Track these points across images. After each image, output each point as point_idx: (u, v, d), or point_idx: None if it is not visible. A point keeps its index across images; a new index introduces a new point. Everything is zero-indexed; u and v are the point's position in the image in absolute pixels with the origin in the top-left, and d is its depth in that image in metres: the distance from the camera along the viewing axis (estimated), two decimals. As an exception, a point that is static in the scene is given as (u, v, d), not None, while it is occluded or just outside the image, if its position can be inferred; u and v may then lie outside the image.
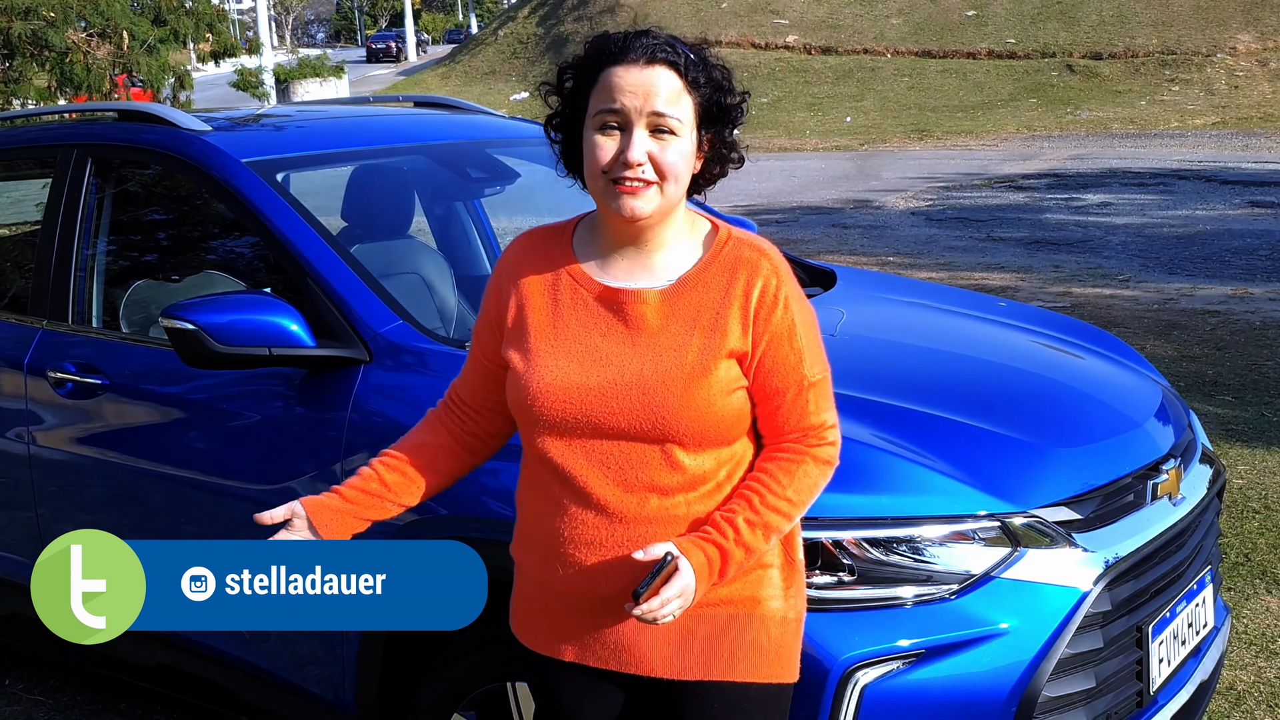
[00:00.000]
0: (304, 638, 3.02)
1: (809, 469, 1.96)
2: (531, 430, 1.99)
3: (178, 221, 3.97)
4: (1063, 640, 2.40)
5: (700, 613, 1.95)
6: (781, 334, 1.93)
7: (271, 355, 2.82)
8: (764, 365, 1.94)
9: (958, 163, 19.98)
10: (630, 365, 1.92)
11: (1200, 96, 27.35)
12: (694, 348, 1.91)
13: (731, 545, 1.89)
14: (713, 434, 1.92)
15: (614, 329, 1.95)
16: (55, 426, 3.48)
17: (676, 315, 1.94)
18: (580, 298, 1.98)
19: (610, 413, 1.91)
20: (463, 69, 40.51)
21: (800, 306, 1.97)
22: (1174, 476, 2.81)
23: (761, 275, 1.94)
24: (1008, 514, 2.45)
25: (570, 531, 1.96)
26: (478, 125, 4.28)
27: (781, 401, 1.95)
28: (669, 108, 1.88)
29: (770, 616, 1.99)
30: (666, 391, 1.89)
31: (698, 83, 1.91)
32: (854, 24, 34.01)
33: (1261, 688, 3.72)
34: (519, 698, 2.60)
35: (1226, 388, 6.82)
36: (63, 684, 4.06)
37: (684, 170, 1.91)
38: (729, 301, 1.93)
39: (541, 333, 1.98)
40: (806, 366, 1.95)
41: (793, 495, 1.94)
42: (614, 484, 1.93)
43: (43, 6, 12.59)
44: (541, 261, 2.03)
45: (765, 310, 1.93)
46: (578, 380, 1.93)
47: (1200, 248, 11.49)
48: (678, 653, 1.97)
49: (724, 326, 1.92)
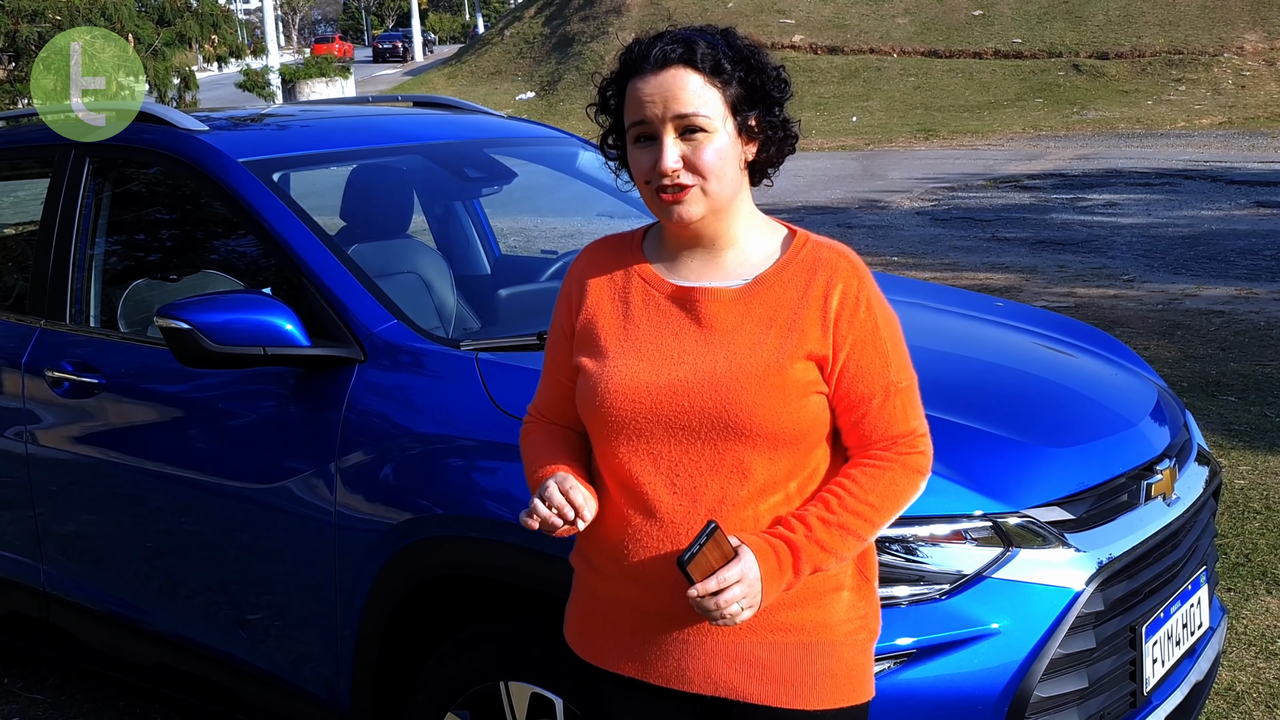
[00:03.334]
0: (301, 637, 3.03)
1: (897, 476, 1.88)
2: (600, 436, 1.93)
3: (176, 221, 3.98)
4: (1055, 640, 2.40)
5: (769, 639, 1.88)
6: (865, 337, 1.87)
7: (266, 355, 2.83)
8: (848, 370, 1.87)
9: (963, 163, 19.95)
10: (703, 363, 1.86)
11: (1207, 96, 27.30)
12: (769, 346, 1.85)
13: (802, 539, 1.82)
14: (786, 436, 1.85)
15: (686, 328, 1.90)
16: (53, 426, 3.49)
17: (751, 314, 1.88)
18: (651, 298, 1.93)
19: (681, 410, 1.85)
20: (469, 69, 40.55)
21: (883, 310, 1.91)
22: (1168, 477, 2.80)
23: (842, 277, 1.88)
24: (1000, 514, 2.44)
25: (635, 543, 1.90)
26: (476, 125, 4.28)
27: (868, 408, 1.88)
28: (692, 107, 1.83)
29: (843, 642, 1.92)
30: (740, 388, 1.83)
31: (721, 70, 1.84)
32: (860, 24, 33.99)
33: (1260, 688, 3.71)
34: (512, 697, 2.61)
35: (1229, 388, 6.81)
36: (61, 683, 4.07)
37: (724, 166, 1.85)
38: (808, 302, 1.87)
39: (611, 334, 1.94)
40: (893, 371, 1.89)
41: (875, 500, 1.86)
42: (682, 493, 1.87)
43: (50, 9, 12.64)
44: (611, 266, 1.99)
45: (847, 313, 1.87)
46: (648, 379, 1.87)
47: (1205, 248, 11.47)
48: (746, 678, 1.90)
49: (801, 327, 1.86)
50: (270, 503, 2.97)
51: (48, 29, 12.63)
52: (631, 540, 1.90)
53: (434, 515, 2.68)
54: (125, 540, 3.42)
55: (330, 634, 2.92)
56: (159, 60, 13.65)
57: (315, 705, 3.03)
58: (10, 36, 12.74)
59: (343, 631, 2.88)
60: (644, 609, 1.92)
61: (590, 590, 2.02)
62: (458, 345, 2.87)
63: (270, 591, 3.08)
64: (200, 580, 3.25)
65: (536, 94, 34.90)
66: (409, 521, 2.71)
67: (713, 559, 1.75)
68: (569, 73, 35.15)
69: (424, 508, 2.70)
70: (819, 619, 1.90)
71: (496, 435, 2.62)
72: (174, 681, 3.40)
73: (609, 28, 36.21)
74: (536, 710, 2.58)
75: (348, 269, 3.02)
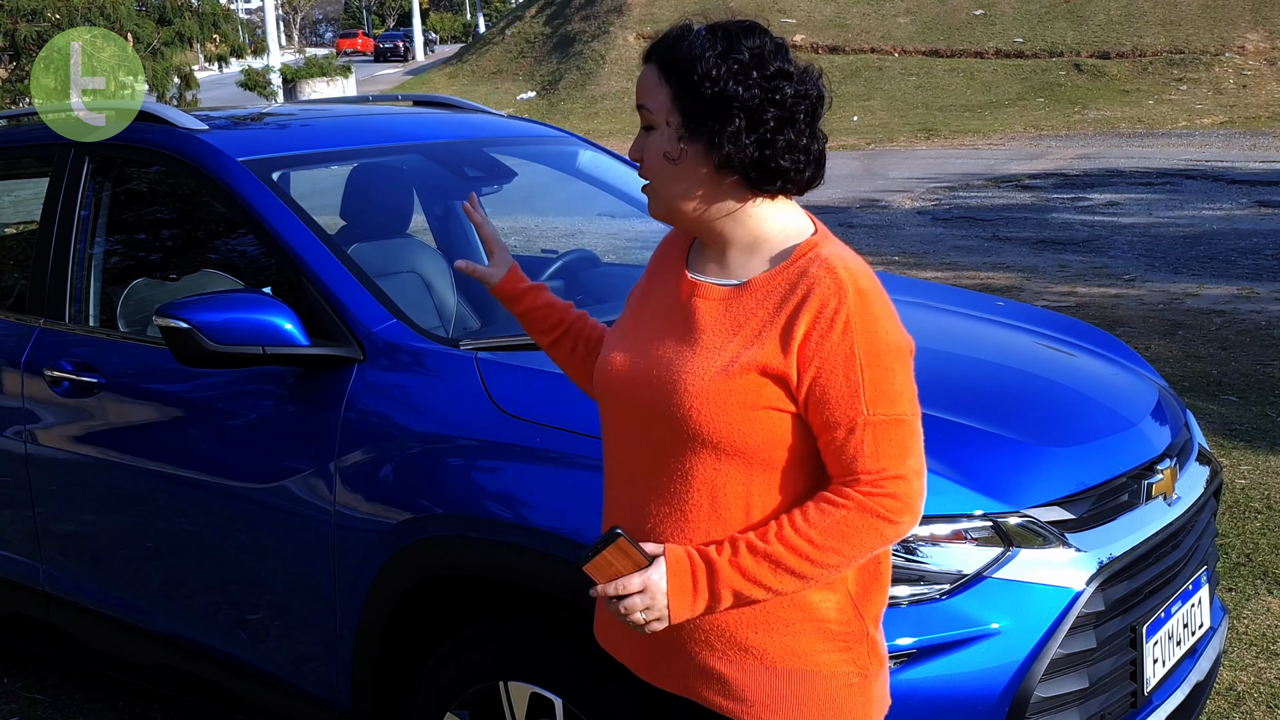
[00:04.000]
0: (301, 637, 3.02)
1: (850, 517, 1.74)
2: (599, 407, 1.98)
3: (175, 220, 3.98)
4: (1055, 640, 2.39)
5: (731, 656, 1.84)
6: (834, 362, 1.73)
7: (265, 354, 2.82)
8: (813, 394, 1.75)
9: (965, 162, 19.95)
10: (665, 353, 1.84)
11: (1208, 96, 27.29)
12: (726, 352, 1.79)
13: (724, 562, 1.75)
14: (728, 446, 1.77)
15: (675, 319, 1.88)
16: (52, 425, 3.49)
17: (728, 317, 1.83)
18: (668, 284, 1.94)
19: (632, 395, 1.86)
20: (470, 68, 40.54)
21: (868, 336, 1.74)
22: (1169, 476, 2.79)
23: (820, 295, 1.75)
24: (1000, 514, 2.44)
25: (608, 524, 1.92)
26: (476, 124, 4.28)
27: (832, 437, 1.76)
28: (641, 96, 1.84)
29: (820, 674, 1.83)
30: (682, 383, 1.79)
31: (670, 69, 1.79)
32: (861, 23, 33.99)
33: (1262, 688, 3.71)
34: (511, 697, 2.60)
35: (1231, 388, 6.80)
36: (61, 683, 4.06)
37: (660, 164, 1.82)
38: (779, 317, 1.77)
39: (628, 311, 1.99)
40: (865, 403, 1.73)
41: (818, 538, 1.74)
42: (638, 483, 1.87)
43: (49, 9, 12.65)
44: (671, 252, 1.99)
45: (818, 333, 1.74)
46: (620, 360, 1.89)
47: (1206, 247, 11.46)
48: (710, 689, 1.86)
49: (763, 340, 1.77)
50: (270, 502, 2.96)
51: (47, 28, 12.63)
52: (606, 522, 1.94)
53: (433, 515, 2.68)
54: (125, 540, 3.42)
55: (330, 634, 2.92)
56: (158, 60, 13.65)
57: (315, 705, 3.02)
58: (9, 36, 12.75)
59: (342, 631, 2.88)
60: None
61: None
62: (457, 345, 2.86)
63: (270, 591, 3.07)
64: (200, 580, 3.24)
65: (537, 93, 34.90)
66: (408, 521, 2.70)
67: (619, 564, 1.73)
68: (570, 72, 35.15)
69: (423, 507, 2.69)
70: (786, 645, 1.82)
71: (496, 435, 2.62)
72: (174, 681, 3.40)
73: (610, 27, 36.21)
74: (536, 710, 2.57)
75: (347, 268, 3.02)
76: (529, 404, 2.64)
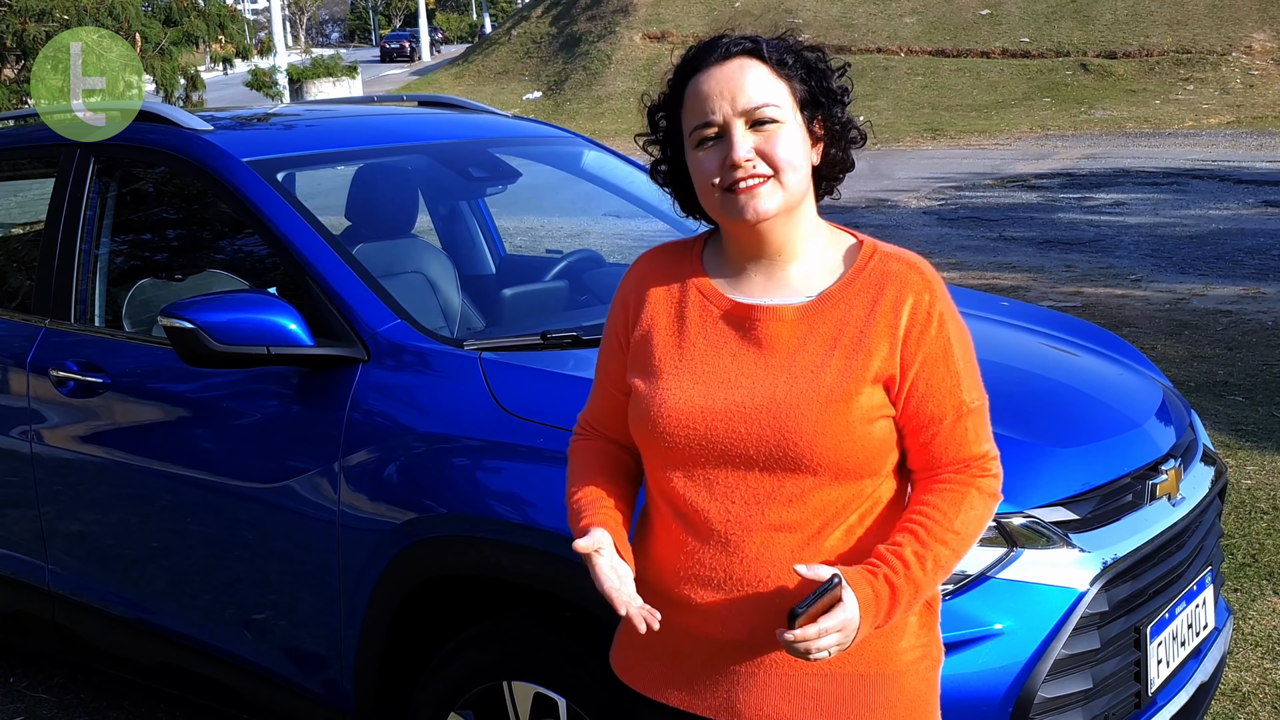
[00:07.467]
0: (305, 636, 3.03)
1: (974, 500, 1.78)
2: (653, 459, 1.85)
3: (181, 221, 3.99)
4: (1059, 641, 2.39)
5: (825, 670, 1.78)
6: (937, 355, 1.76)
7: (270, 354, 2.83)
8: (917, 390, 1.76)
9: (971, 162, 19.92)
10: (761, 387, 1.76)
11: (1215, 95, 27.22)
12: (833, 369, 1.74)
13: (902, 581, 1.71)
14: (849, 465, 1.75)
15: (745, 349, 1.79)
16: (57, 425, 3.49)
17: (815, 334, 1.77)
18: (709, 315, 1.83)
19: (738, 438, 1.75)
20: (476, 69, 40.54)
21: (956, 325, 1.80)
22: (1173, 477, 2.79)
23: (912, 290, 1.77)
24: (1005, 514, 2.43)
25: (689, 570, 1.81)
26: (481, 124, 4.28)
27: (938, 429, 1.78)
28: (761, 98, 1.75)
29: (905, 672, 1.82)
30: (800, 415, 1.73)
31: (785, 64, 1.78)
32: (868, 23, 33.95)
33: (1267, 689, 3.70)
34: (515, 696, 2.61)
35: (1237, 388, 6.79)
36: (66, 682, 4.07)
37: (797, 157, 1.77)
38: (875, 319, 1.76)
39: (666, 353, 1.83)
40: (964, 391, 1.78)
41: (960, 527, 1.76)
42: (738, 520, 1.77)
43: (57, 9, 12.69)
44: (669, 277, 1.89)
45: (917, 329, 1.76)
46: (702, 403, 1.77)
47: (1213, 247, 11.44)
48: (799, 710, 1.80)
49: (868, 346, 1.75)
50: (274, 502, 2.97)
51: (55, 28, 12.67)
52: (685, 567, 1.82)
53: (437, 515, 2.68)
54: (130, 539, 3.43)
55: (334, 633, 2.92)
56: (166, 60, 13.69)
57: (319, 704, 3.03)
58: (18, 36, 12.79)
59: (346, 631, 2.88)
60: (696, 636, 1.84)
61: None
62: (462, 345, 2.87)
63: (274, 591, 3.08)
64: (204, 579, 3.25)
65: (543, 94, 34.89)
66: (413, 521, 2.71)
67: (819, 605, 1.67)
68: (576, 72, 35.14)
69: (428, 507, 2.70)
70: (880, 649, 1.80)
71: (500, 435, 2.62)
72: (178, 680, 3.40)
73: (616, 27, 36.20)
74: (540, 710, 2.58)
75: (352, 269, 3.02)
76: (533, 404, 2.64)
